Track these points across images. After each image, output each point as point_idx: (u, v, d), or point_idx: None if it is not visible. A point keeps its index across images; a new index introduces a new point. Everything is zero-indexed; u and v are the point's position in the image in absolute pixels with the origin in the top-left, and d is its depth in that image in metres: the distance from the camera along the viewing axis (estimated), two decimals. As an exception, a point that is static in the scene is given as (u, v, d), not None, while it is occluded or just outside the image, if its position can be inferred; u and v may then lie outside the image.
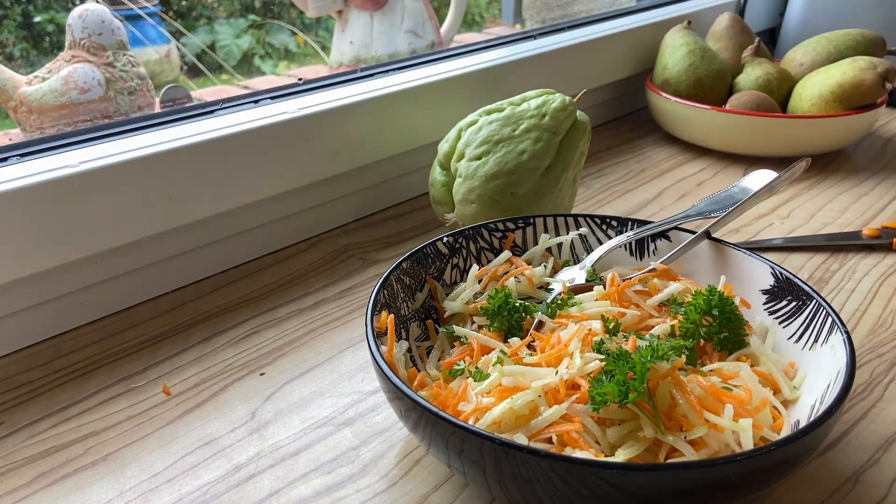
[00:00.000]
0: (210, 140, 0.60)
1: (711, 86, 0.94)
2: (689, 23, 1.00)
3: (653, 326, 0.46)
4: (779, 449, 0.33)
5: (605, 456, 0.37)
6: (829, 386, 0.40)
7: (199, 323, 0.59)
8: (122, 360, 0.54)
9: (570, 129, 0.65)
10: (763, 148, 0.89)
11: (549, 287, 0.52)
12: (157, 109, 0.72)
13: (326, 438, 0.46)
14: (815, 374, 0.43)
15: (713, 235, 0.53)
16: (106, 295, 0.60)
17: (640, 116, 1.09)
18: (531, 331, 0.46)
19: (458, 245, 0.54)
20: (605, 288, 0.48)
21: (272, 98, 0.70)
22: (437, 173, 0.68)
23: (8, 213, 0.51)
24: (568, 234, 0.56)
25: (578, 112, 0.66)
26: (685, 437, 0.37)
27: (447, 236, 0.53)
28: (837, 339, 0.42)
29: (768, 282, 0.48)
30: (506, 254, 0.54)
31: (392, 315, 0.46)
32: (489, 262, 0.54)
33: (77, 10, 0.67)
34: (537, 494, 0.34)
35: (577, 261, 0.55)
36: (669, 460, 0.37)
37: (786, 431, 0.40)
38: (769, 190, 0.54)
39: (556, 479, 0.33)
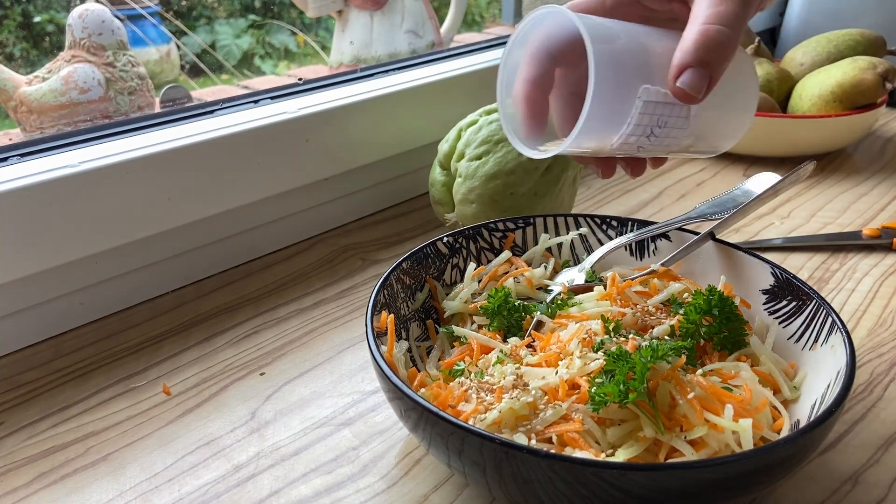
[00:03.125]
0: (210, 140, 0.60)
1: (711, 86, 0.93)
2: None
3: (653, 326, 0.46)
4: (779, 449, 0.33)
5: (605, 456, 0.37)
6: (829, 386, 0.40)
7: (199, 323, 0.59)
8: (122, 360, 0.54)
9: (570, 129, 0.65)
10: (763, 148, 0.89)
11: (549, 289, 0.52)
12: (157, 109, 0.72)
13: (326, 438, 0.46)
14: (816, 374, 0.43)
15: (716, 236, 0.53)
16: (106, 295, 0.60)
17: (640, 116, 1.08)
18: (531, 331, 0.46)
19: (458, 245, 0.54)
20: (605, 288, 0.48)
21: (272, 98, 0.70)
22: (437, 173, 0.68)
23: (8, 213, 0.51)
24: (568, 234, 0.56)
25: (578, 112, 0.66)
26: (685, 437, 0.37)
27: (447, 236, 0.53)
28: (837, 338, 0.41)
29: (768, 282, 0.48)
30: (506, 254, 0.54)
31: (392, 315, 0.45)
32: (489, 262, 0.54)
33: (77, 10, 0.67)
34: (537, 494, 0.34)
35: (577, 261, 0.55)
36: (669, 460, 0.37)
37: (786, 431, 0.40)
38: (773, 193, 0.54)
39: (556, 479, 0.33)
